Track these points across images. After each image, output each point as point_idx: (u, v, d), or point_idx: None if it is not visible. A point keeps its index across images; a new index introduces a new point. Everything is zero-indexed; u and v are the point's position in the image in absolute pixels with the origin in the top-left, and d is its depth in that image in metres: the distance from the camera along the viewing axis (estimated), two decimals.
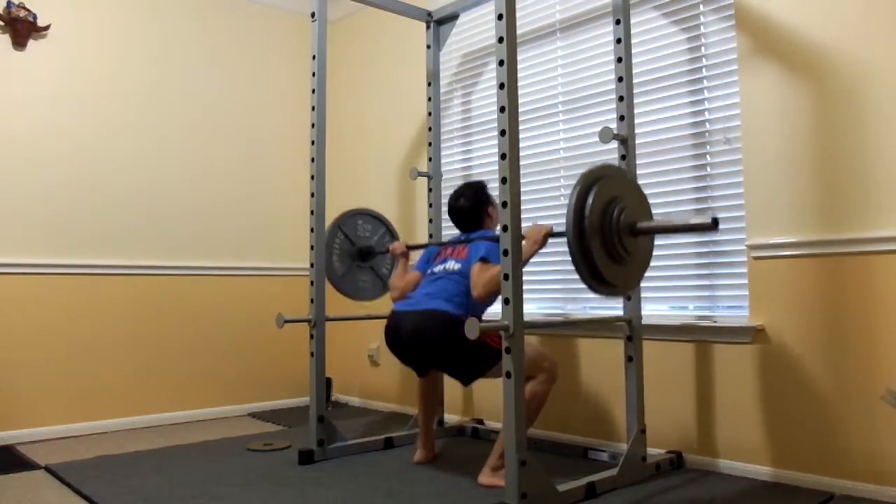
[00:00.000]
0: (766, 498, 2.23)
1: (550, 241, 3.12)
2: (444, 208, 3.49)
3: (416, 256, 2.97)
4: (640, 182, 2.74)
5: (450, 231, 3.48)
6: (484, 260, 2.46)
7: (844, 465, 2.25)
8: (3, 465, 2.77)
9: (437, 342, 2.44)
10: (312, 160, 2.89)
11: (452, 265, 2.61)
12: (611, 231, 2.12)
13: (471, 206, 2.72)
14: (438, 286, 2.56)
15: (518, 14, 2.79)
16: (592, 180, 2.11)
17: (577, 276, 3.03)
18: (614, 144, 2.65)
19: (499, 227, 2.09)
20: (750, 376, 2.48)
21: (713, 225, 2.02)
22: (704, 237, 2.66)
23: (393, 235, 3.38)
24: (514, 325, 2.02)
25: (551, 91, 3.20)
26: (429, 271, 2.72)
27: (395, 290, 2.83)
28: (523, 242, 2.25)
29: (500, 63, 2.11)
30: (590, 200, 2.07)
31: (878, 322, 2.20)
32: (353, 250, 3.24)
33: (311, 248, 2.86)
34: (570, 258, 2.06)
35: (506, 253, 2.06)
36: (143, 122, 3.74)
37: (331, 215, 3.12)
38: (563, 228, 2.11)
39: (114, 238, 3.59)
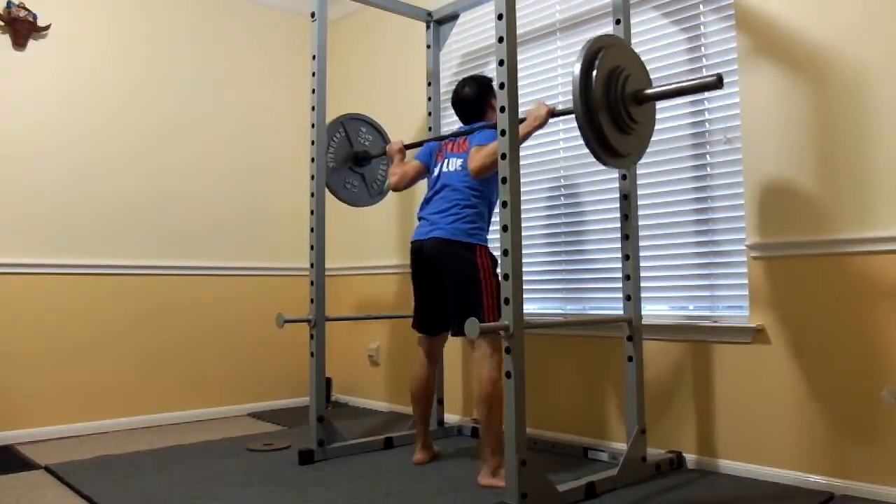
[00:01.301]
0: (766, 498, 2.23)
1: (550, 239, 3.13)
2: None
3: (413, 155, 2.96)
4: (639, 182, 2.75)
5: None
6: (480, 145, 2.48)
7: (844, 465, 2.25)
8: (3, 465, 2.77)
9: (453, 269, 2.51)
10: (312, 160, 2.89)
11: (455, 163, 2.64)
12: (617, 101, 2.13)
13: (475, 95, 2.73)
14: (445, 198, 2.60)
15: (518, 14, 2.79)
16: (594, 52, 2.10)
17: (577, 276, 3.05)
18: None
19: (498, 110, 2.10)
20: (750, 376, 2.48)
21: (717, 81, 2.03)
22: (705, 237, 2.66)
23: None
24: (514, 325, 2.02)
25: (551, 91, 3.20)
26: (433, 173, 2.74)
27: (394, 177, 2.87)
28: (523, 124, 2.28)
29: (500, 63, 2.11)
30: (594, 73, 2.07)
31: (877, 322, 2.20)
32: (349, 152, 3.24)
33: (311, 248, 2.86)
34: (579, 132, 2.08)
35: (506, 253, 2.06)
36: (143, 122, 3.74)
37: (331, 215, 3.12)
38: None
39: (114, 238, 3.59)
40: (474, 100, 2.73)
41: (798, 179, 2.39)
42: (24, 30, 3.34)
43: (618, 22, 2.63)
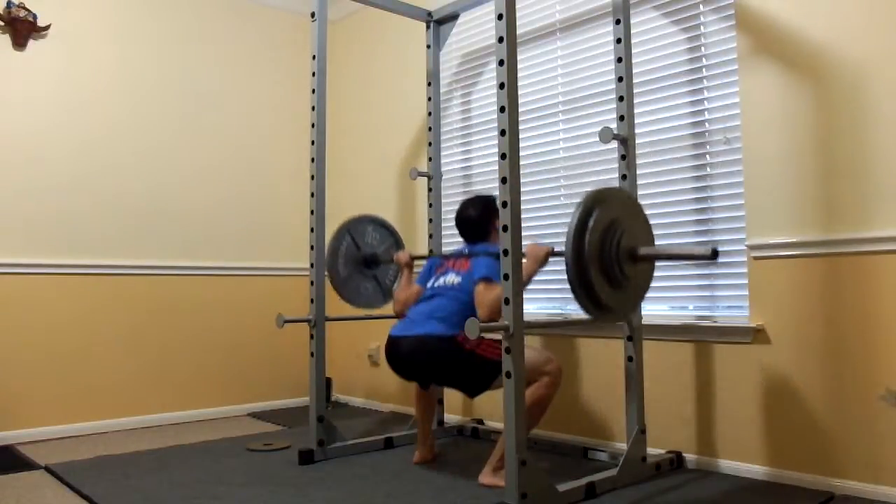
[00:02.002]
0: (767, 498, 2.23)
1: (550, 239, 3.12)
2: (444, 208, 3.50)
3: (420, 267, 2.96)
4: (639, 182, 2.75)
5: (452, 239, 3.48)
6: (487, 280, 2.44)
7: (844, 465, 2.25)
8: (3, 465, 2.77)
9: (436, 366, 2.46)
10: (312, 160, 2.89)
11: (453, 278, 2.61)
12: (610, 255, 2.09)
13: (479, 216, 2.71)
14: (434, 304, 2.56)
15: (518, 14, 2.79)
16: (594, 202, 2.08)
17: None
18: (614, 144, 2.65)
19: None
20: (750, 376, 2.48)
21: (712, 255, 2.01)
22: (705, 237, 2.66)
23: (400, 247, 3.37)
24: (514, 325, 2.02)
25: (551, 91, 3.20)
26: (429, 284, 2.71)
27: (398, 304, 2.82)
28: (524, 261, 2.24)
29: (500, 63, 2.11)
30: (590, 223, 2.04)
31: (877, 322, 2.20)
32: (358, 256, 3.22)
33: (311, 248, 2.86)
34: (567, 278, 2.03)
35: (506, 253, 2.06)
36: (143, 122, 3.74)
37: (330, 216, 3.12)
38: (563, 248, 2.08)
39: (114, 238, 3.59)
40: (478, 221, 2.71)
41: (798, 179, 2.39)
42: (24, 30, 3.34)
43: (618, 22, 2.63)
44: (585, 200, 2.08)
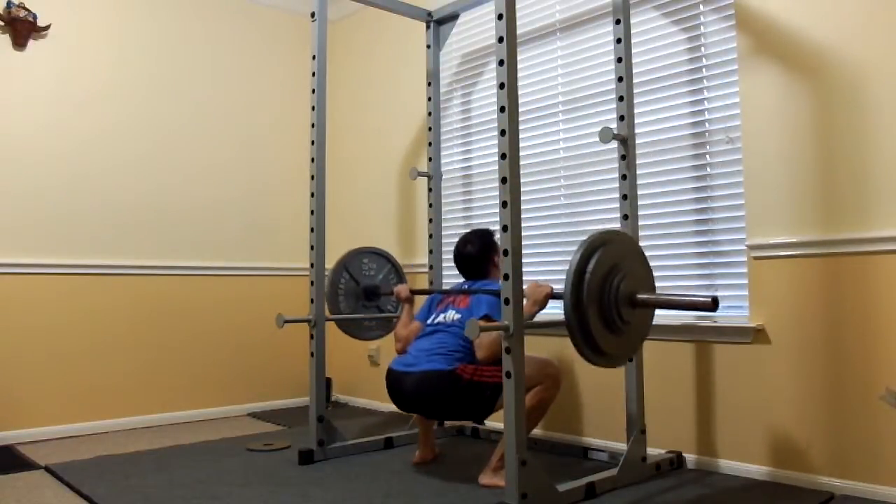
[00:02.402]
0: (766, 498, 2.23)
1: (550, 238, 3.12)
2: (444, 208, 3.50)
3: (420, 301, 2.93)
4: (639, 182, 2.74)
5: (452, 240, 3.49)
6: (487, 318, 2.44)
7: (844, 465, 2.25)
8: (3, 465, 2.77)
9: (439, 402, 2.43)
10: (312, 160, 2.89)
11: (452, 315, 2.60)
12: (609, 301, 2.06)
13: (477, 253, 2.72)
14: (435, 340, 2.54)
15: (518, 14, 2.79)
16: (595, 246, 2.06)
17: None
18: (614, 144, 2.65)
19: (501, 276, 2.07)
20: (750, 376, 2.48)
21: (713, 304, 1.98)
22: (705, 237, 2.66)
23: (398, 272, 3.38)
24: (514, 325, 2.02)
25: (551, 91, 3.20)
26: (429, 320, 2.69)
27: (399, 342, 2.78)
28: (524, 302, 2.22)
29: (500, 63, 2.11)
30: (590, 267, 2.02)
31: (877, 322, 2.20)
32: (358, 290, 3.24)
33: (312, 248, 2.86)
34: (566, 327, 2.01)
35: (506, 253, 2.06)
36: (143, 122, 3.74)
37: (330, 216, 3.12)
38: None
39: (114, 238, 3.59)
40: (477, 257, 2.72)
41: (798, 179, 2.39)
42: (24, 30, 3.34)
43: (618, 22, 2.63)
44: (587, 243, 2.05)
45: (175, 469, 2.68)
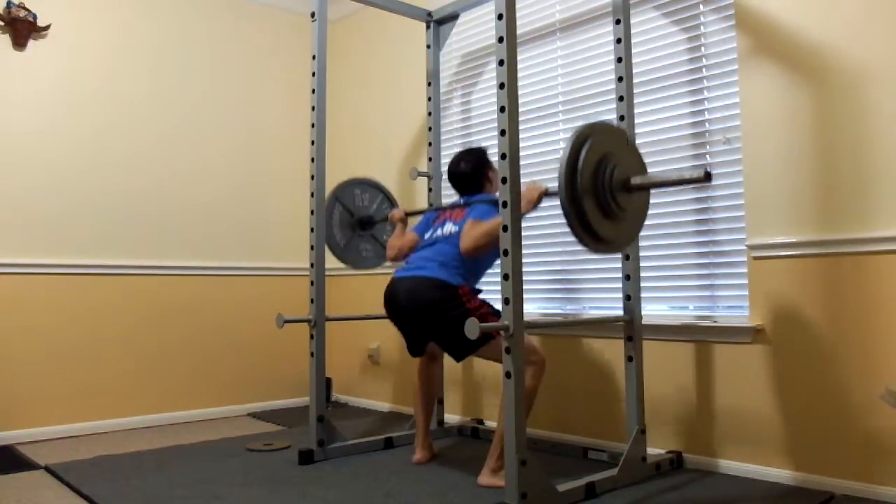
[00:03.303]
0: (766, 498, 2.23)
1: (550, 239, 3.13)
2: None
3: (414, 223, 2.99)
4: None
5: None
6: (476, 220, 2.48)
7: (844, 465, 2.25)
8: (3, 465, 2.77)
9: (430, 308, 2.46)
10: (312, 160, 2.89)
11: (450, 228, 2.63)
12: (604, 188, 2.10)
13: (471, 169, 2.74)
14: (435, 249, 2.59)
15: (518, 14, 2.79)
16: (583, 138, 2.09)
17: (577, 276, 3.05)
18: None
19: (497, 193, 2.09)
20: (750, 376, 2.48)
21: (706, 177, 2.02)
22: (705, 237, 2.66)
23: (391, 202, 3.39)
24: (514, 325, 2.02)
25: (551, 91, 3.20)
26: (427, 235, 2.74)
27: (392, 249, 2.87)
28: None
29: (500, 63, 2.11)
30: (581, 158, 2.05)
31: (877, 322, 2.20)
32: (352, 220, 3.25)
33: (312, 248, 2.86)
34: (564, 220, 2.04)
35: (505, 253, 2.06)
36: (143, 122, 3.74)
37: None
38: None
39: (114, 238, 3.59)
40: (471, 174, 2.74)
41: (798, 179, 2.39)
42: (24, 30, 3.34)
43: (618, 22, 2.63)
44: (575, 136, 2.07)
45: (175, 469, 2.68)
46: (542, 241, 3.19)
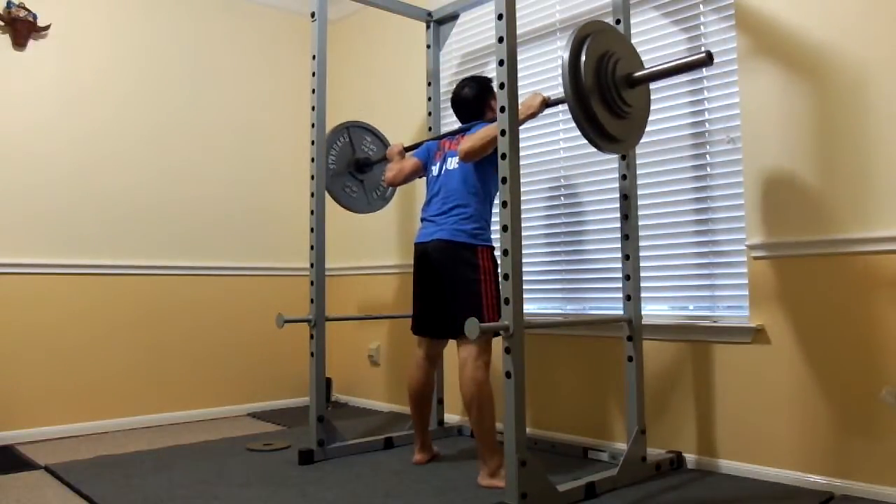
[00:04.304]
0: (766, 498, 2.22)
1: (550, 239, 3.13)
2: None
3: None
4: (639, 182, 2.74)
5: None
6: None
7: (844, 465, 2.25)
8: (3, 465, 2.77)
9: (455, 271, 2.51)
10: (312, 160, 2.89)
11: (453, 161, 2.65)
12: (608, 86, 2.11)
13: (474, 95, 2.74)
14: (447, 199, 2.59)
15: (518, 14, 2.79)
16: (580, 39, 2.09)
17: (577, 276, 3.05)
18: None
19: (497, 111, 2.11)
20: (750, 376, 2.48)
21: (708, 58, 2.02)
22: (705, 237, 2.66)
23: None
24: (514, 325, 2.02)
25: (551, 91, 3.19)
26: (432, 172, 2.74)
27: (391, 171, 2.88)
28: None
29: (500, 63, 2.11)
30: (582, 59, 2.05)
31: (877, 322, 2.20)
32: (351, 158, 3.26)
33: (311, 247, 2.86)
34: (573, 122, 2.07)
35: (506, 253, 2.06)
36: (143, 122, 3.74)
37: (331, 215, 3.11)
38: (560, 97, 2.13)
39: (113, 238, 3.59)
40: (473, 100, 2.74)
41: (798, 179, 2.39)
42: (24, 30, 3.34)
43: (618, 22, 2.63)
44: (572, 37, 2.08)
45: (175, 469, 2.68)
46: (542, 241, 3.19)
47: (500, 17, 2.11)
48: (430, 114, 3.48)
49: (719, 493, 2.29)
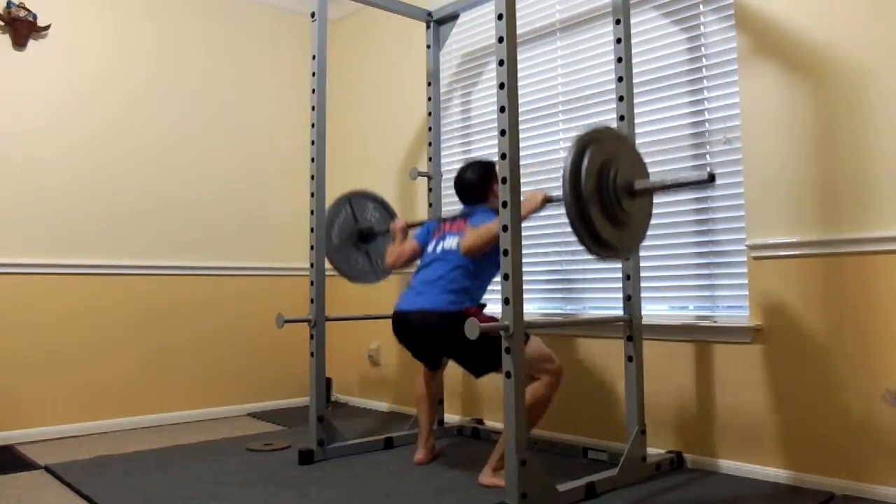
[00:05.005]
0: (767, 498, 2.23)
1: (550, 239, 3.13)
2: (445, 208, 3.50)
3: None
4: None
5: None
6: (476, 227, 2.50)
7: (844, 465, 2.25)
8: (3, 465, 2.77)
9: (444, 342, 2.49)
10: (312, 160, 2.89)
11: (451, 242, 2.62)
12: (608, 194, 2.11)
13: (478, 179, 2.72)
14: (438, 271, 2.57)
15: (518, 14, 2.79)
16: (584, 144, 2.09)
17: (577, 276, 3.05)
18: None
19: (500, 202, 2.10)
20: (750, 376, 2.48)
21: (710, 179, 2.03)
22: (705, 237, 2.66)
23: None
24: (514, 325, 2.02)
25: (551, 91, 3.20)
26: (428, 249, 2.73)
27: (392, 255, 2.90)
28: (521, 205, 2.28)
29: (500, 63, 2.11)
30: (584, 165, 2.06)
31: (877, 322, 2.20)
32: (353, 228, 3.25)
33: (311, 247, 2.86)
34: (569, 226, 2.06)
35: (505, 253, 2.06)
36: (143, 122, 3.74)
37: None
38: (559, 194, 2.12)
39: (113, 238, 3.59)
40: (477, 184, 2.71)
41: (798, 179, 2.39)
42: (24, 30, 3.34)
43: (618, 22, 2.63)
44: (576, 142, 2.08)
45: (175, 469, 2.68)
46: (542, 241, 3.19)
47: (500, 17, 2.11)
48: (430, 114, 3.48)
49: (719, 493, 2.29)
